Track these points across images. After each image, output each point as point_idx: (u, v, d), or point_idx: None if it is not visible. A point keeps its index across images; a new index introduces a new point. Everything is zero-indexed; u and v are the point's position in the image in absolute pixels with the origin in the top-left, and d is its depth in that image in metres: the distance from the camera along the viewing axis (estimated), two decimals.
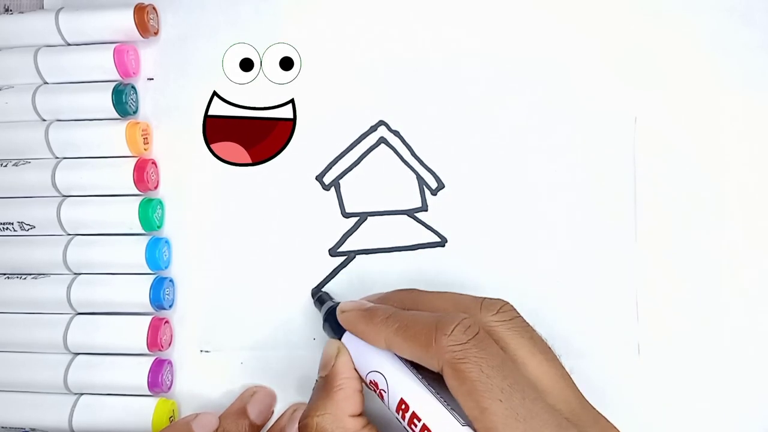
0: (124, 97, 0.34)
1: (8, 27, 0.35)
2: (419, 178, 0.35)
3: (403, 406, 0.25)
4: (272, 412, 0.34)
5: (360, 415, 0.27)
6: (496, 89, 0.35)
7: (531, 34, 0.35)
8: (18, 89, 0.35)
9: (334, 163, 0.35)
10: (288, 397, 0.34)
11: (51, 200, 0.34)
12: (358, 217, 0.35)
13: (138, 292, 0.34)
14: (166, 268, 0.35)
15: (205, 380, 0.35)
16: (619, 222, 0.34)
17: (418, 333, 0.25)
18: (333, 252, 0.35)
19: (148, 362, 0.33)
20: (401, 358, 0.26)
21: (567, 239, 0.34)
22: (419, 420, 0.24)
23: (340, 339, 0.29)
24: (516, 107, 0.35)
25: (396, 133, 0.35)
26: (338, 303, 0.30)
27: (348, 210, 0.35)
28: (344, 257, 0.35)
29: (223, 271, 0.35)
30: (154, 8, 0.35)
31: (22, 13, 0.35)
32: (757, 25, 0.34)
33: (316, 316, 0.34)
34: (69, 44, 0.35)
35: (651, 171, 0.34)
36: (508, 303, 0.26)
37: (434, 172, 0.35)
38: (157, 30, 0.36)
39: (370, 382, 0.27)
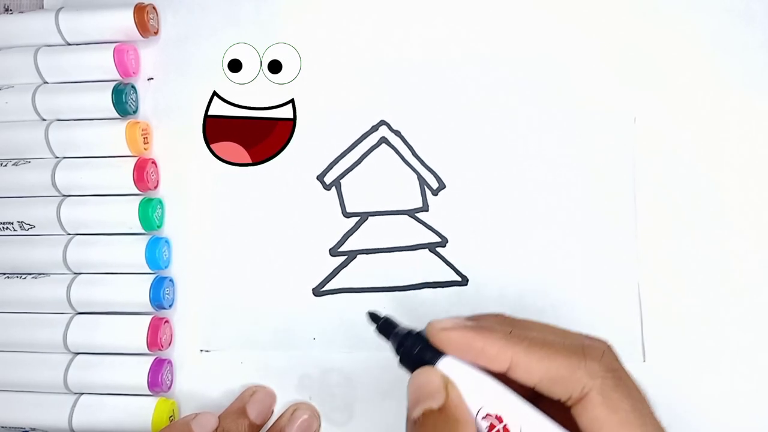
0: (124, 96, 0.34)
1: (8, 27, 0.35)
2: (420, 178, 0.35)
3: None
4: (272, 412, 0.34)
5: None
6: (496, 89, 0.35)
7: (531, 34, 0.35)
8: (18, 89, 0.35)
9: (335, 163, 0.35)
10: (288, 397, 0.34)
11: (51, 200, 0.34)
12: (358, 217, 0.35)
13: (138, 291, 0.34)
14: (166, 267, 0.35)
15: (205, 380, 0.35)
16: (619, 222, 0.34)
17: (559, 352, 0.22)
18: (334, 252, 0.35)
19: (148, 362, 0.33)
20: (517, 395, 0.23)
21: (567, 239, 0.34)
22: None
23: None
24: (516, 107, 0.35)
25: (397, 133, 0.35)
26: (411, 329, 0.25)
27: (349, 210, 0.35)
28: (345, 257, 0.35)
29: (223, 270, 0.35)
30: (154, 8, 0.35)
31: (22, 12, 0.35)
32: (757, 25, 0.34)
33: (317, 316, 0.34)
34: (69, 44, 0.35)
35: (651, 171, 0.34)
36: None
37: (435, 172, 0.35)
38: (157, 30, 0.36)
39: (484, 417, 0.22)
